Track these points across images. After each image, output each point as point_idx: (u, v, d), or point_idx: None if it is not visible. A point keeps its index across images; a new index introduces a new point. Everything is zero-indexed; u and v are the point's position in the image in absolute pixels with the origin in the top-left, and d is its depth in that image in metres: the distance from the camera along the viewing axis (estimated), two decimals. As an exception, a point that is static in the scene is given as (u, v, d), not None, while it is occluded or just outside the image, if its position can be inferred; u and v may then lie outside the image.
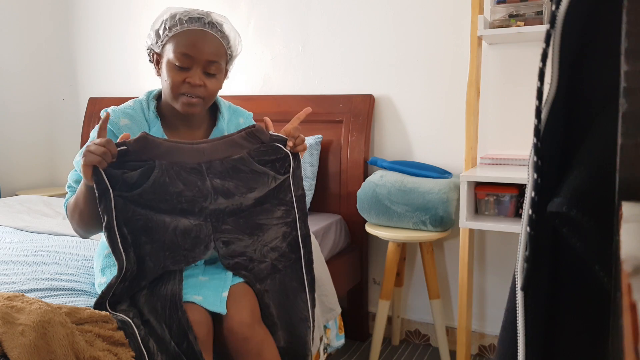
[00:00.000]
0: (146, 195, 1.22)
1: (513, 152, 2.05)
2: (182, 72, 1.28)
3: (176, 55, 1.27)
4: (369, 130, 2.26)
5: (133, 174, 1.21)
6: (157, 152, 1.23)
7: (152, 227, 1.24)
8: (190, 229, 1.28)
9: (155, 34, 1.32)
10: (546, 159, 0.51)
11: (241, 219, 1.34)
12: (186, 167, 1.26)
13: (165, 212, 1.25)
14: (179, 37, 1.28)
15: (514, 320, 0.54)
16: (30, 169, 3.10)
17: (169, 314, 1.20)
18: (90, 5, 3.05)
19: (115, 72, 3.00)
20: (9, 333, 1.00)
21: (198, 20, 1.29)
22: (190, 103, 1.30)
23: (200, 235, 1.29)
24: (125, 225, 1.22)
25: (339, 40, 2.36)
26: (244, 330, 1.26)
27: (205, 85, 1.29)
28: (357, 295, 2.35)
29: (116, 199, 1.20)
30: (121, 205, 1.21)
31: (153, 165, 1.22)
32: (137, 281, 1.25)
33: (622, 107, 0.40)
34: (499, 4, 1.86)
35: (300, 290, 1.39)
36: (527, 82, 2.01)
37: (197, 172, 1.27)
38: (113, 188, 1.19)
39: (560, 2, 0.49)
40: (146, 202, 1.23)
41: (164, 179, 1.23)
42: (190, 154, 1.27)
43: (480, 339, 2.22)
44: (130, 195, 1.21)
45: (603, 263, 0.45)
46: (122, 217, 1.21)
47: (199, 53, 1.27)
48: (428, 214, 1.92)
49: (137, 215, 1.23)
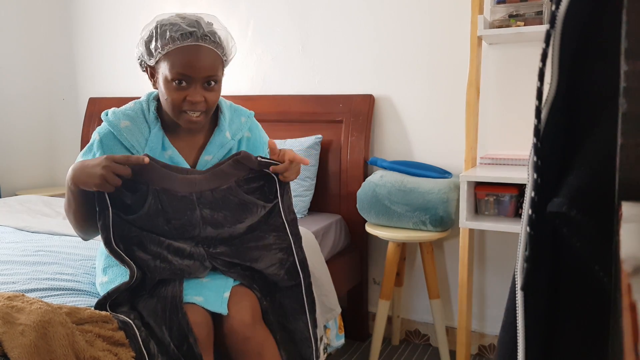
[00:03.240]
0: (140, 221, 1.26)
1: (513, 152, 2.05)
2: (181, 91, 1.25)
3: (173, 75, 1.24)
4: (368, 130, 2.26)
5: (128, 196, 1.25)
6: (152, 176, 1.26)
7: (147, 243, 1.27)
8: (183, 248, 1.30)
9: (146, 49, 1.28)
10: (546, 159, 0.51)
11: (233, 247, 1.35)
12: (177, 195, 1.28)
13: (159, 235, 1.29)
14: (174, 57, 1.23)
15: (514, 320, 0.54)
16: (30, 169, 3.10)
17: (169, 317, 1.20)
18: (90, 5, 3.05)
19: (115, 72, 3.00)
20: (9, 333, 1.00)
21: (191, 35, 1.24)
22: (192, 120, 1.28)
23: (194, 255, 1.31)
24: (122, 241, 1.25)
25: (339, 40, 2.36)
26: (245, 330, 1.26)
27: (205, 100, 1.28)
28: (357, 295, 2.35)
29: (114, 216, 1.24)
30: (118, 222, 1.25)
31: (147, 191, 1.25)
32: (138, 289, 1.27)
33: (622, 107, 0.40)
34: (499, 4, 1.86)
35: (301, 313, 1.38)
36: (527, 82, 2.01)
37: (188, 202, 1.29)
38: (112, 206, 1.23)
39: (560, 2, 0.49)
40: (142, 226, 1.27)
41: (156, 205, 1.26)
42: (182, 184, 1.29)
43: (480, 339, 2.22)
44: (127, 217, 1.26)
45: (603, 263, 0.45)
46: (118, 233, 1.25)
47: (196, 71, 1.24)
48: (428, 214, 1.92)
49: (133, 233, 1.26)
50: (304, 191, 2.23)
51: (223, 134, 1.39)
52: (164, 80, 1.26)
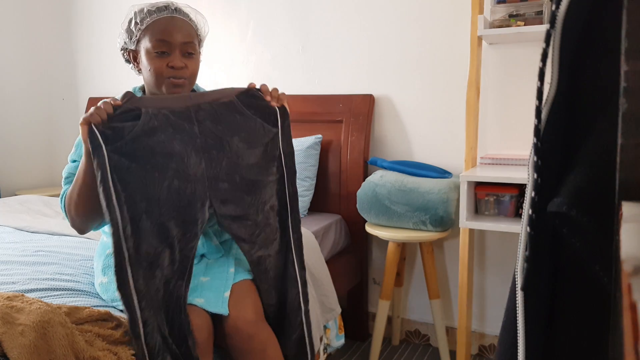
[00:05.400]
0: (139, 141, 1.19)
1: (513, 152, 2.05)
2: (163, 58, 1.32)
3: (154, 43, 1.32)
4: (368, 130, 2.26)
5: (123, 125, 1.19)
6: (143, 103, 1.23)
7: (147, 183, 1.20)
8: (185, 186, 1.24)
9: (127, 32, 1.38)
10: (546, 159, 0.51)
11: (237, 176, 1.31)
12: (174, 110, 1.25)
13: (158, 169, 1.22)
14: (153, 27, 1.33)
15: (514, 320, 0.54)
16: (30, 169, 3.10)
17: (172, 316, 1.20)
18: (90, 5, 3.05)
19: (115, 72, 3.00)
20: (9, 333, 1.00)
21: (165, 8, 1.35)
22: (177, 84, 1.34)
23: (195, 192, 1.25)
24: (120, 182, 1.18)
25: (339, 40, 2.36)
26: (248, 328, 1.26)
27: (187, 67, 1.34)
28: (357, 295, 2.35)
29: (110, 154, 1.17)
30: (115, 161, 1.17)
31: (139, 113, 1.21)
32: (136, 247, 1.19)
33: (622, 107, 0.40)
34: (499, 3, 1.86)
35: (286, 251, 1.38)
36: (527, 82, 2.01)
37: (185, 117, 1.26)
38: (106, 144, 1.16)
39: (560, 2, 0.49)
40: (140, 152, 1.20)
41: (152, 122, 1.21)
42: (176, 100, 1.28)
43: (480, 339, 2.22)
44: (124, 145, 1.18)
45: (603, 263, 0.45)
46: (116, 173, 1.17)
47: (174, 37, 1.33)
48: (428, 214, 1.92)
49: (132, 170, 1.19)
50: (304, 191, 2.23)
51: None
52: (146, 53, 1.34)
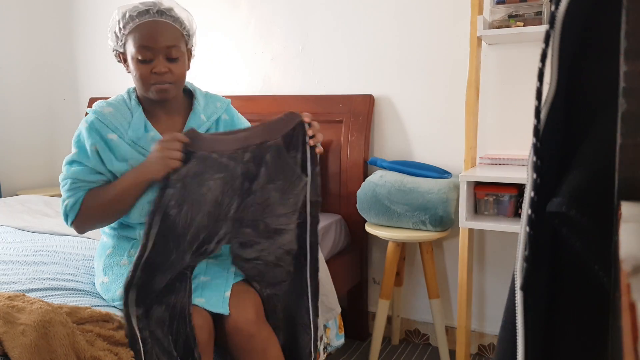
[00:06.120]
0: (183, 182, 1.24)
1: (512, 152, 2.05)
2: (146, 65, 1.33)
3: (136, 49, 1.32)
4: (368, 130, 2.26)
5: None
6: (200, 145, 1.26)
7: (178, 221, 1.24)
8: (212, 225, 1.29)
9: (114, 35, 1.39)
10: (546, 159, 0.51)
11: (262, 223, 1.35)
12: (224, 153, 1.29)
13: (192, 210, 1.26)
14: (134, 33, 1.33)
15: (513, 320, 0.54)
16: (31, 169, 3.10)
17: (176, 328, 1.20)
18: (91, 5, 3.05)
19: (115, 72, 2.99)
20: (10, 333, 1.00)
21: (147, 12, 1.34)
22: (162, 90, 1.34)
23: (219, 232, 1.30)
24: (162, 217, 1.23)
25: (338, 40, 2.37)
26: (249, 327, 1.27)
27: (171, 71, 1.34)
28: (357, 295, 2.35)
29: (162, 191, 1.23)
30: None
31: (191, 156, 1.25)
32: (149, 287, 1.24)
33: (622, 107, 0.41)
34: (498, 4, 1.86)
35: (303, 297, 1.41)
36: (526, 82, 2.01)
37: (232, 157, 1.29)
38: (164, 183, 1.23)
39: (559, 3, 0.49)
40: (181, 192, 1.24)
41: (199, 167, 1.25)
42: (229, 142, 1.30)
43: (480, 338, 2.22)
44: (170, 184, 1.24)
45: (602, 263, 0.45)
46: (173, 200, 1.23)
47: (155, 42, 1.32)
48: (428, 214, 1.92)
49: (170, 207, 1.24)
50: (304, 191, 2.23)
51: (198, 116, 1.44)
52: (132, 59, 1.34)
